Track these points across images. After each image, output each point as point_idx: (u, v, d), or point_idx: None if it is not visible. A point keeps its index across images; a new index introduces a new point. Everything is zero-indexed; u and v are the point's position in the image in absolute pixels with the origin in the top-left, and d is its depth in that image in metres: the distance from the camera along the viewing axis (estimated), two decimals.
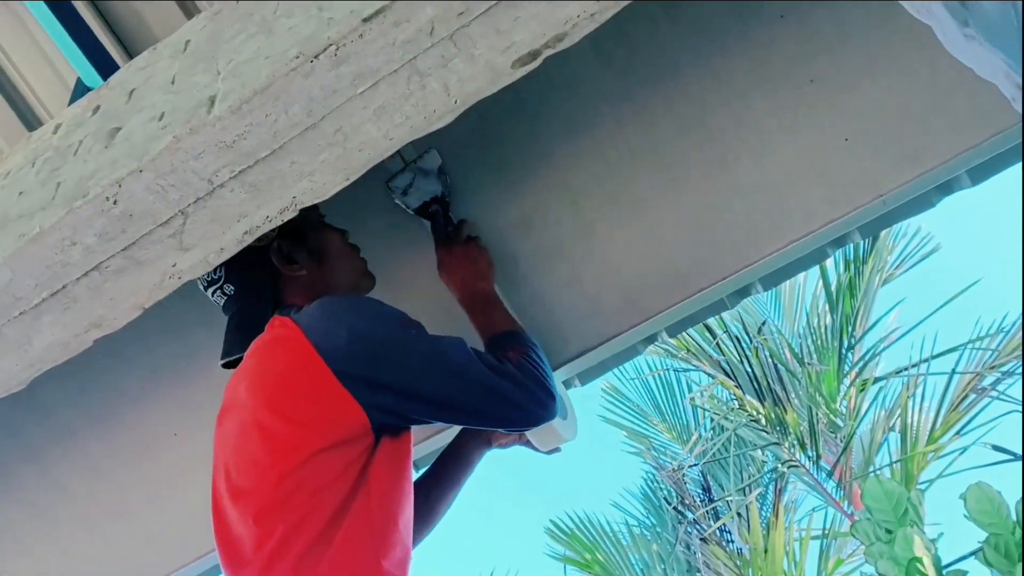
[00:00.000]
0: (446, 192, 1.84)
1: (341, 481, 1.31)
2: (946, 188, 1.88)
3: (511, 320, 1.69)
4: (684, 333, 6.39)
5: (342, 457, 1.32)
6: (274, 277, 1.56)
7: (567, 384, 2.09)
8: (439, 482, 1.72)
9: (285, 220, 1.23)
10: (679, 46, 1.76)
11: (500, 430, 1.47)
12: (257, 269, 1.55)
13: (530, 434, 1.72)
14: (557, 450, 1.81)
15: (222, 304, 1.58)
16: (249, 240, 1.24)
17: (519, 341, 1.56)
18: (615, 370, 2.19)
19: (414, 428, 1.46)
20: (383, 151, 1.18)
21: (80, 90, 1.81)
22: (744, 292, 2.00)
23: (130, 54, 1.91)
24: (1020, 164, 1.88)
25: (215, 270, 1.55)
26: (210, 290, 1.58)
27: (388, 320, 1.40)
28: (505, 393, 1.40)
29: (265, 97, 1.10)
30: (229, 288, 1.55)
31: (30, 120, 2.02)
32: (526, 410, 1.42)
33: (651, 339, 2.06)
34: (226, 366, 1.59)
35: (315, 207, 1.66)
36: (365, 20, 1.06)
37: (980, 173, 1.87)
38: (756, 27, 1.73)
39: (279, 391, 1.36)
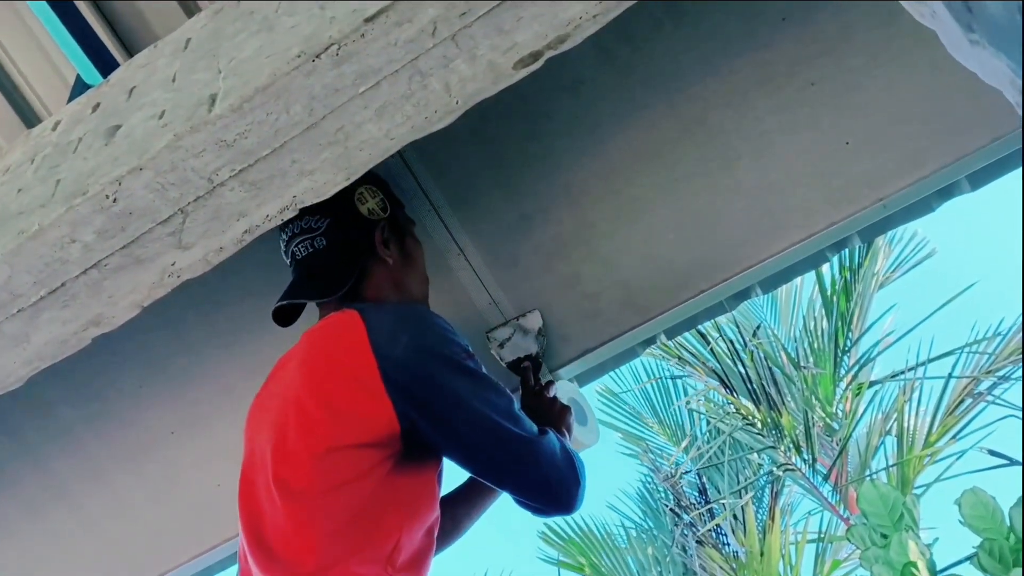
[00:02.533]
0: (540, 353, 1.90)
1: (363, 482, 1.32)
2: (946, 192, 1.88)
3: None
4: (680, 336, 6.39)
5: (367, 458, 1.32)
6: (368, 254, 1.57)
7: None
8: (468, 499, 1.71)
9: (285, 219, 1.23)
10: (682, 46, 1.75)
11: (512, 496, 1.46)
12: (359, 238, 1.56)
13: None
14: None
15: (303, 255, 1.56)
16: (249, 239, 1.24)
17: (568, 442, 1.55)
18: (610, 373, 2.19)
19: None
20: (384, 150, 1.18)
21: (79, 87, 1.81)
22: (744, 295, 2.00)
23: (130, 52, 1.90)
24: (1020, 169, 1.88)
25: (316, 219, 1.54)
26: (299, 239, 1.56)
27: (451, 344, 1.40)
28: (535, 459, 1.39)
29: (266, 96, 1.09)
30: (321, 242, 1.54)
31: (29, 117, 2.01)
32: (547, 484, 1.41)
33: (650, 341, 2.06)
34: (278, 313, 1.58)
35: (411, 220, 1.70)
36: (367, 19, 1.05)
37: (980, 178, 1.87)
38: (759, 28, 1.73)
39: (325, 378, 1.37)
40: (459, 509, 1.70)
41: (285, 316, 1.60)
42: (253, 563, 1.38)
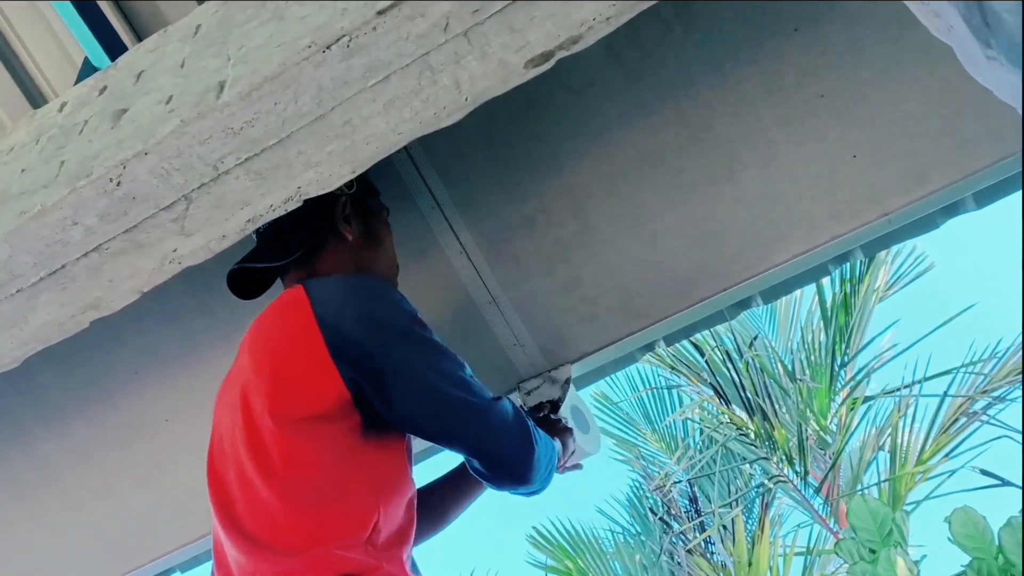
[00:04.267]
0: (561, 398, 1.95)
1: (328, 458, 1.32)
2: (951, 210, 1.87)
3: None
4: (676, 345, 6.38)
5: (326, 431, 1.32)
6: (326, 226, 1.55)
7: None
8: (457, 485, 1.71)
9: (289, 210, 1.23)
10: (691, 53, 1.75)
11: (467, 463, 1.47)
12: (317, 209, 1.52)
13: None
14: (578, 467, 1.80)
15: (263, 226, 1.55)
16: (252, 228, 1.23)
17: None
18: (605, 378, 2.22)
19: None
20: (391, 145, 1.18)
21: (87, 70, 1.80)
22: (744, 304, 2.00)
23: (139, 36, 1.89)
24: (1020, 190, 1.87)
25: None
26: None
27: (401, 312, 1.40)
28: (484, 424, 1.39)
29: (275, 85, 1.09)
30: None
31: (35, 97, 2.00)
32: (497, 449, 1.40)
33: (648, 347, 2.05)
34: (238, 285, 1.57)
35: (385, 208, 1.68)
36: (380, 12, 1.05)
37: (986, 196, 1.86)
38: (769, 38, 1.73)
39: (274, 354, 1.38)
40: (447, 494, 1.70)
41: (247, 289, 1.59)
42: (233, 547, 1.36)
